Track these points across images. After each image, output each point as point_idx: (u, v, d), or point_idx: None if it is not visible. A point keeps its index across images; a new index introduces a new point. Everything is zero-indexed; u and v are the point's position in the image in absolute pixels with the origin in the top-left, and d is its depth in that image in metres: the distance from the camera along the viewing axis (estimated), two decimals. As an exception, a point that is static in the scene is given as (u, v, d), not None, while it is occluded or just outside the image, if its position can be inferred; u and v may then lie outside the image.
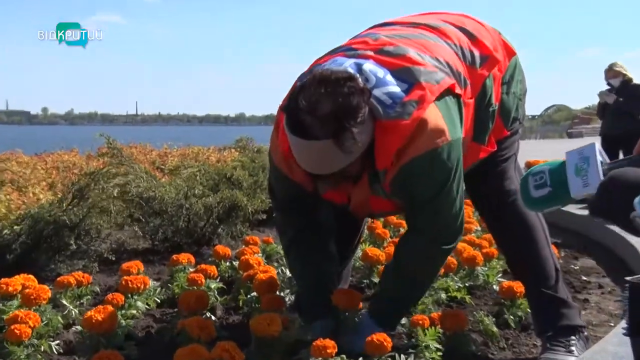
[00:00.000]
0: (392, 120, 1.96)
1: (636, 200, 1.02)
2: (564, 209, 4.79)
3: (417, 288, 2.34)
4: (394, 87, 1.99)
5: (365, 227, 3.07)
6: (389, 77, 2.01)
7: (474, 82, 2.19)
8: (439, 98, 2.01)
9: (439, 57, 2.12)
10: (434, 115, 1.98)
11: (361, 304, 2.45)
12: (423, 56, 2.09)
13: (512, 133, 2.41)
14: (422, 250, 2.20)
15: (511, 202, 2.35)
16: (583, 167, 1.25)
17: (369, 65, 2.04)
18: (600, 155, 1.25)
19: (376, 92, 1.97)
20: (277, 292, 2.61)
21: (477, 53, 2.23)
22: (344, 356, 1.96)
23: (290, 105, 1.94)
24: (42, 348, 2.21)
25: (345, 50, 2.20)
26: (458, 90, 2.09)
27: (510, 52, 2.36)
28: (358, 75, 1.97)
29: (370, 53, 2.11)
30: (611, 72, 7.27)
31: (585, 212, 5.08)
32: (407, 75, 2.02)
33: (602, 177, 1.21)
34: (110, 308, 2.28)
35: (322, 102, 1.87)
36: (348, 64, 2.05)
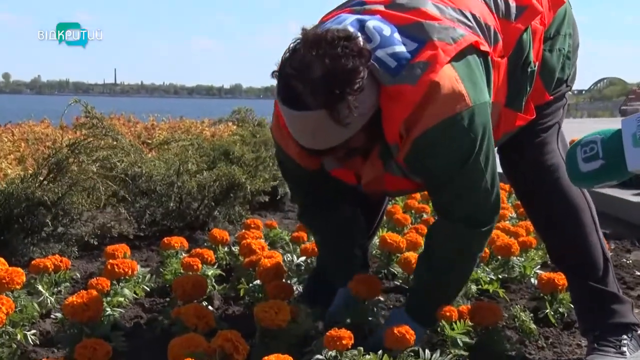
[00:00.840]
0: (396, 85, 1.91)
1: None
2: (615, 194, 4.84)
3: (455, 278, 2.30)
4: (400, 47, 1.93)
5: (385, 211, 3.07)
6: (397, 35, 1.95)
7: (507, 37, 2.12)
8: (457, 58, 1.94)
9: (463, 9, 2.06)
10: (449, 78, 1.92)
11: (380, 291, 2.48)
12: (443, 9, 2.03)
13: (556, 98, 2.33)
14: (452, 235, 2.16)
15: (553, 179, 2.28)
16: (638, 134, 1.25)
17: (373, 22, 1.98)
18: None
19: (379, 53, 1.92)
20: (286, 280, 2.65)
21: (512, 3, 2.15)
22: (361, 348, 1.98)
23: (280, 70, 1.92)
24: (18, 337, 2.24)
25: (354, 4, 2.15)
26: (484, 48, 2.02)
27: (557, 1, 2.28)
28: (359, 34, 1.91)
29: (380, 7, 2.05)
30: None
31: (639, 199, 5.11)
32: (417, 32, 1.96)
33: None
34: (94, 293, 2.30)
35: (312, 66, 1.83)
36: (349, 22, 2.00)
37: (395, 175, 2.17)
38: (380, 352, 2.00)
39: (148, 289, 2.91)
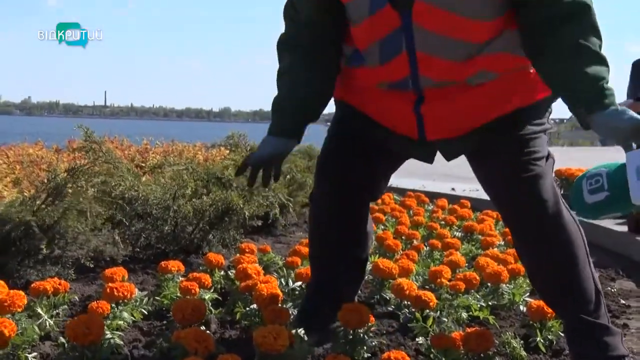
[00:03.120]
0: None
1: None
2: (600, 224, 4.86)
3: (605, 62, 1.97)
4: None
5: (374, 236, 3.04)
6: None
7: None
8: None
9: None
10: None
11: (373, 319, 2.48)
12: None
13: (548, 106, 2.31)
14: (591, 26, 1.98)
15: (550, 214, 2.17)
16: None
17: None
18: None
19: None
20: (281, 304, 2.64)
21: None
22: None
23: None
24: (21, 360, 2.24)
25: None
26: None
27: None
28: None
29: None
30: None
31: (624, 229, 5.13)
32: None
33: None
34: (96, 317, 2.32)
35: None
36: None
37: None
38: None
39: (145, 312, 2.89)
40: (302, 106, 2.29)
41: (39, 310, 2.70)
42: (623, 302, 3.58)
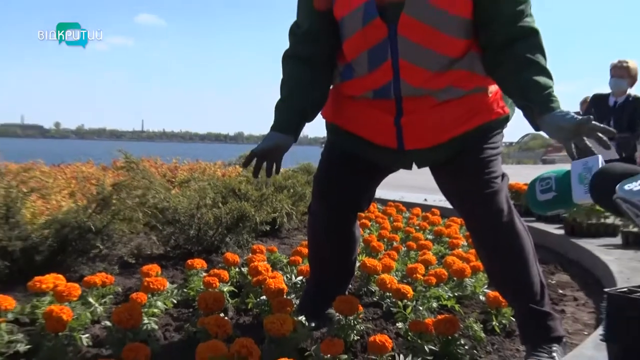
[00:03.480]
0: None
1: (617, 186, 1.09)
2: (542, 228, 4.85)
3: (551, 76, 2.01)
4: None
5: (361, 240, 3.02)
6: None
7: None
8: None
9: None
10: None
11: (361, 308, 2.46)
12: None
13: (501, 129, 2.27)
14: (532, 43, 2.01)
15: (505, 222, 2.15)
16: (586, 176, 1.27)
17: None
18: (602, 166, 1.28)
19: None
20: (285, 295, 2.61)
21: None
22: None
23: None
24: (77, 340, 2.24)
25: None
26: None
27: None
28: None
29: None
30: (585, 104, 7.36)
31: (561, 232, 5.16)
32: None
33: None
34: (136, 305, 2.32)
35: None
36: None
37: None
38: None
39: (175, 302, 2.89)
40: (299, 109, 2.23)
41: (90, 299, 2.70)
42: (560, 291, 3.60)
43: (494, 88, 2.19)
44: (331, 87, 2.34)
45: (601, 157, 1.27)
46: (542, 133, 2.11)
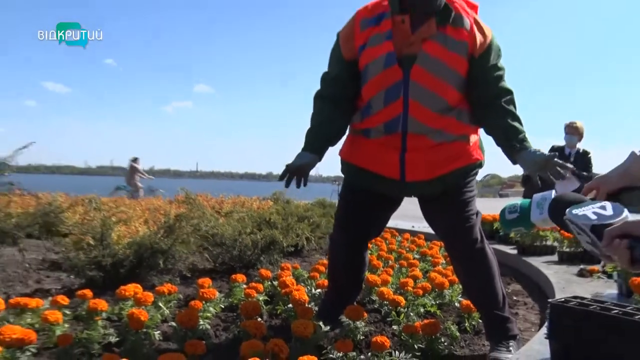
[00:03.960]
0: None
1: (567, 209, 1.10)
2: (501, 250, 4.80)
3: (517, 117, 2.09)
4: None
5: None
6: None
7: None
8: None
9: None
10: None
11: (365, 314, 2.41)
12: None
13: (473, 175, 2.23)
14: (509, 99, 2.08)
15: (478, 248, 2.17)
16: (542, 204, 1.29)
17: None
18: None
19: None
20: (307, 305, 2.59)
21: None
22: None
23: None
24: (151, 336, 2.25)
25: None
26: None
27: None
28: None
29: None
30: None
31: (515, 252, 5.11)
32: None
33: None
34: (194, 310, 2.32)
35: None
36: None
37: (438, 42, 2.01)
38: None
39: (222, 307, 2.86)
40: (325, 136, 2.18)
41: (160, 304, 2.70)
42: (515, 298, 3.56)
43: (474, 138, 2.20)
44: (348, 133, 2.30)
45: (554, 192, 1.28)
46: (498, 173, 2.17)
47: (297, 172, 2.07)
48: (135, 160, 15.01)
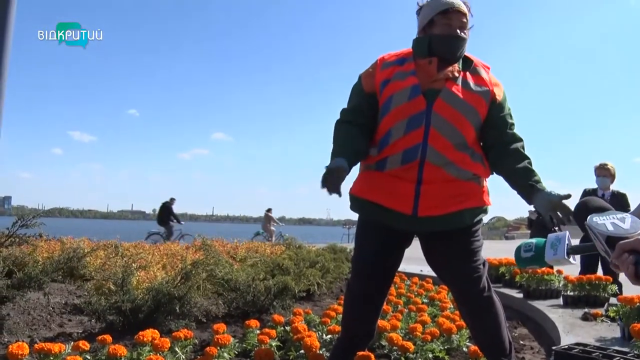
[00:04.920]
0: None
1: (589, 216, 1.12)
2: (507, 293, 4.74)
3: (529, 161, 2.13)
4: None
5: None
6: None
7: None
8: None
9: None
10: None
11: (374, 357, 2.38)
12: None
13: (483, 218, 2.23)
14: (522, 145, 2.15)
15: (486, 297, 2.14)
16: (556, 244, 1.29)
17: None
18: (568, 240, 1.29)
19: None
20: (318, 351, 2.56)
21: None
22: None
23: None
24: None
25: None
26: None
27: None
28: None
29: None
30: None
31: (520, 295, 5.03)
32: None
33: (566, 252, 1.26)
34: (209, 358, 2.29)
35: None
36: None
37: (460, 85, 2.10)
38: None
39: (236, 353, 2.82)
40: (350, 150, 2.10)
41: (177, 349, 2.67)
42: (521, 342, 3.49)
43: (484, 183, 2.22)
44: (360, 170, 2.27)
45: (568, 233, 1.30)
46: (504, 215, 2.18)
47: (334, 173, 1.96)
48: (269, 210, 15.99)
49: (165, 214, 14.04)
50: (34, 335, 3.28)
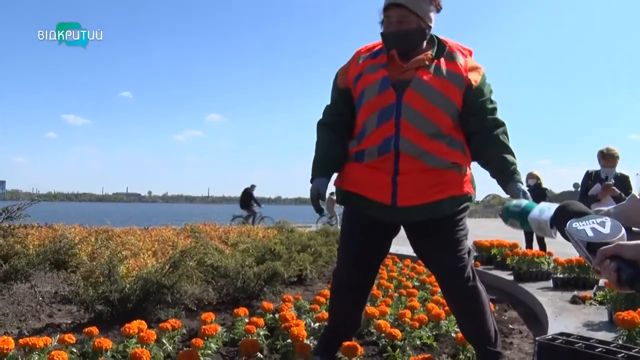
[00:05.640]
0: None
1: (569, 221, 1.09)
2: (497, 275, 4.78)
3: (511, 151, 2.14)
4: None
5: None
6: None
7: None
8: None
9: None
10: None
11: (361, 350, 2.38)
12: None
13: (467, 206, 2.21)
14: (503, 131, 2.14)
15: (471, 286, 2.14)
16: (544, 210, 1.25)
17: None
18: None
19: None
20: (305, 340, 2.55)
21: None
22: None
23: None
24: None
25: None
26: None
27: None
28: None
29: None
30: (529, 175, 7.31)
31: (511, 278, 5.06)
32: None
33: (550, 222, 1.22)
34: (194, 352, 2.28)
35: None
36: None
37: (432, 73, 2.08)
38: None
39: (225, 342, 2.83)
40: (329, 159, 2.24)
41: (164, 340, 2.67)
42: (510, 326, 3.50)
43: (466, 170, 2.18)
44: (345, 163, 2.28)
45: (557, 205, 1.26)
46: (498, 193, 2.18)
47: (319, 197, 2.18)
48: (332, 193, 15.97)
49: (247, 198, 14.97)
50: (22, 327, 3.27)
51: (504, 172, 2.09)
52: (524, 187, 2.04)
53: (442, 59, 2.11)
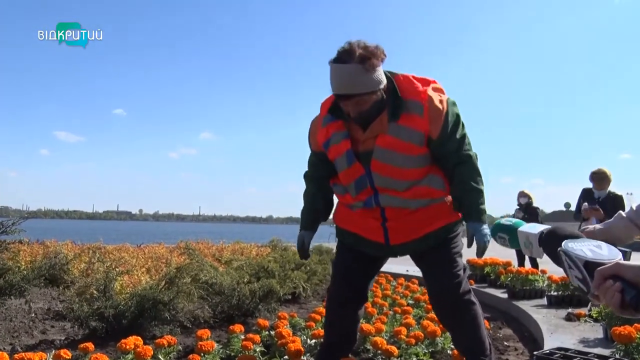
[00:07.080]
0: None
1: (564, 242, 1.06)
2: (491, 293, 4.79)
3: (480, 192, 2.15)
4: None
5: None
6: None
7: None
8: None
9: None
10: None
11: None
12: None
13: (458, 229, 2.27)
14: (473, 168, 2.14)
15: (466, 300, 2.17)
16: (535, 227, 1.24)
17: None
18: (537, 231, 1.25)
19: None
20: (302, 356, 2.55)
21: None
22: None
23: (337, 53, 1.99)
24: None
25: None
26: None
27: None
28: None
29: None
30: (521, 193, 7.31)
31: (505, 295, 5.07)
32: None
33: (538, 233, 1.22)
34: (192, 366, 2.26)
35: (355, 49, 1.95)
36: None
37: (391, 135, 2.06)
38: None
39: (221, 358, 2.80)
40: (314, 212, 2.41)
41: (160, 356, 2.66)
42: (505, 343, 3.50)
43: (449, 199, 2.23)
44: (338, 201, 2.41)
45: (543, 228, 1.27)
46: (490, 214, 2.19)
47: (303, 247, 2.40)
48: None
49: None
50: (16, 343, 3.23)
51: (465, 213, 2.17)
52: (485, 229, 2.11)
53: (401, 116, 2.06)
